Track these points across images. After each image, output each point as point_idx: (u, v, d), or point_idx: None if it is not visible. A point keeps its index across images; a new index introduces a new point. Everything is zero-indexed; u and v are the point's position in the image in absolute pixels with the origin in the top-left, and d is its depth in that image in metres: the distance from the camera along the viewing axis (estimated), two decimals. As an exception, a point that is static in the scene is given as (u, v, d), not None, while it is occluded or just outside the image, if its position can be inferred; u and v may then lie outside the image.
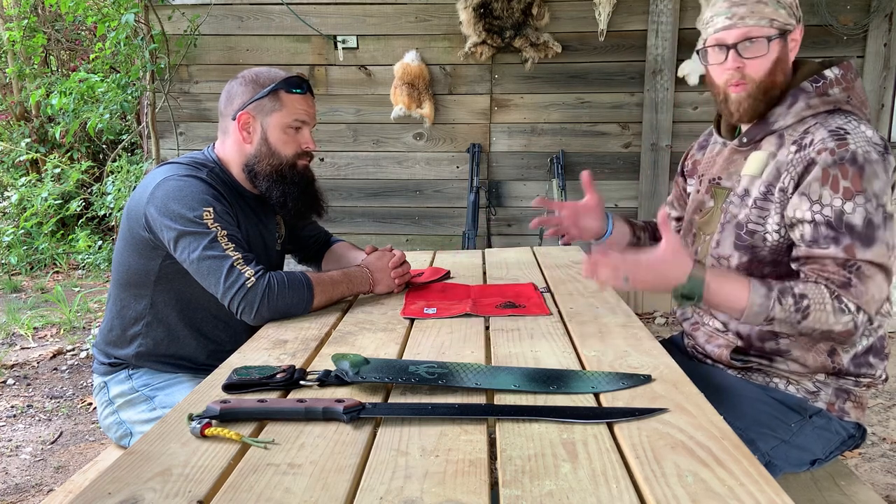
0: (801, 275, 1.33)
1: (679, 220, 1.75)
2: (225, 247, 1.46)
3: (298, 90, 1.59)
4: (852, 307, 1.26)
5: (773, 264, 1.39)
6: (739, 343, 1.46)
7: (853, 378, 1.41)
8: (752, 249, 1.39)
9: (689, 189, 1.68)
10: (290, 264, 1.99)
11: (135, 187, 4.87)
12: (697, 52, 1.46)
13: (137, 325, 1.61)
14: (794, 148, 1.34)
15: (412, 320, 1.48)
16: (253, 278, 1.45)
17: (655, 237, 1.78)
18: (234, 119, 1.59)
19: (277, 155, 1.60)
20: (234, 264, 1.45)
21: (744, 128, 1.47)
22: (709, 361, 1.53)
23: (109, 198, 4.70)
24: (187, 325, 1.62)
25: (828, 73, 1.38)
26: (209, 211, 1.48)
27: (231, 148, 1.63)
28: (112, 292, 1.66)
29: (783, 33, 1.36)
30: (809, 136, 1.34)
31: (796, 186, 1.33)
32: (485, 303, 1.58)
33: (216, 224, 1.47)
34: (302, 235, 1.91)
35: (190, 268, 1.49)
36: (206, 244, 1.46)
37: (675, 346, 1.65)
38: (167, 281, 1.58)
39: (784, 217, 1.35)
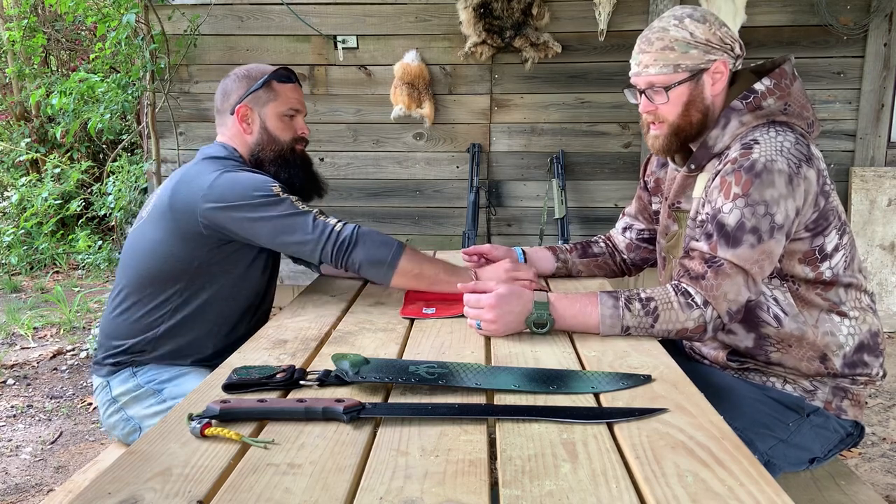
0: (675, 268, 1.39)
1: (642, 231, 1.78)
2: (302, 207, 1.53)
3: (288, 80, 1.71)
4: (699, 300, 1.30)
5: None
6: (731, 348, 1.47)
7: (849, 378, 1.42)
8: None
9: (654, 206, 1.70)
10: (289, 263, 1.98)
11: (139, 188, 4.87)
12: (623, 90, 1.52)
13: (156, 327, 1.61)
14: (727, 160, 1.36)
15: (412, 320, 1.48)
16: (339, 224, 1.52)
17: (586, 254, 1.81)
18: (232, 113, 1.66)
19: (278, 141, 1.68)
20: (316, 216, 1.52)
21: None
22: (706, 362, 1.54)
23: (110, 198, 4.70)
24: (216, 316, 1.64)
25: (758, 86, 1.39)
26: (276, 185, 1.54)
27: (234, 141, 1.69)
28: (125, 293, 1.63)
29: (695, 74, 1.38)
30: (729, 150, 1.38)
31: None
32: None
33: (286, 194, 1.54)
34: None
35: (273, 238, 1.52)
36: (284, 208, 1.51)
37: (674, 346, 1.65)
38: (208, 274, 1.60)
39: None
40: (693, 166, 1.46)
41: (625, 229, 1.81)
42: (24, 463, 2.57)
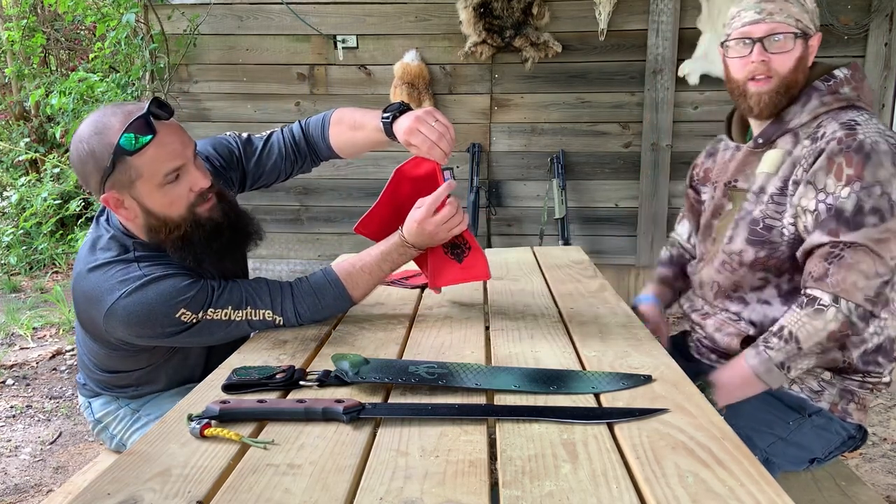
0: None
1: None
2: (226, 318, 1.32)
3: (145, 139, 1.23)
4: (827, 300, 1.29)
5: (791, 259, 1.41)
6: (752, 331, 1.47)
7: (860, 377, 1.42)
8: (769, 245, 1.42)
9: (703, 197, 1.69)
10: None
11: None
12: (722, 45, 1.47)
13: (131, 377, 1.51)
14: (808, 142, 1.37)
15: (412, 320, 1.48)
16: (277, 316, 1.38)
17: (685, 273, 1.77)
18: (101, 201, 1.31)
19: (170, 220, 1.31)
20: (249, 320, 1.35)
21: (754, 127, 1.50)
22: (713, 356, 1.54)
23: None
24: (195, 358, 1.53)
25: (837, 72, 1.42)
26: (183, 312, 1.29)
27: (126, 224, 1.36)
28: (87, 361, 1.52)
29: (806, 36, 1.40)
30: (822, 129, 1.37)
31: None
32: (438, 263, 1.47)
33: (199, 312, 1.30)
34: (264, 171, 1.64)
35: (215, 344, 1.40)
36: (210, 331, 1.33)
37: (675, 347, 1.65)
38: (170, 351, 1.47)
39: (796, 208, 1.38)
40: (761, 140, 1.45)
41: (688, 237, 1.79)
42: (23, 463, 2.56)
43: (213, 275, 1.39)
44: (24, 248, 5.39)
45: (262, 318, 1.37)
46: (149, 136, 1.23)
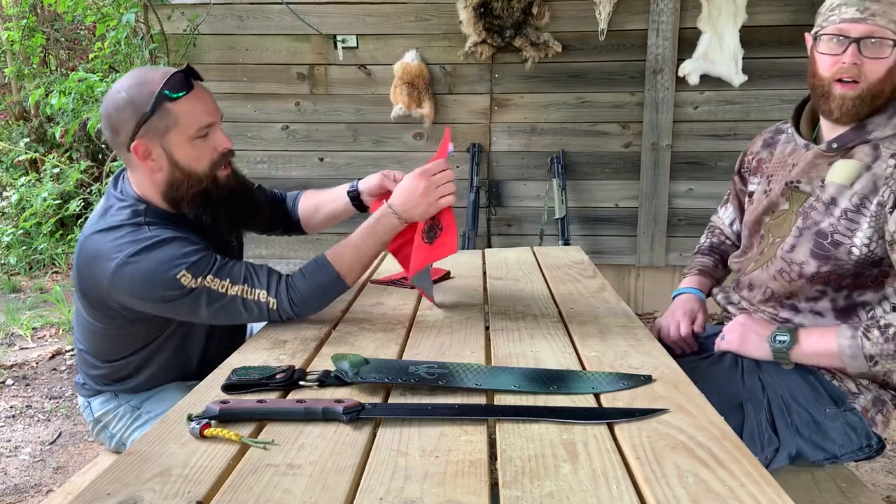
0: None
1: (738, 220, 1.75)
2: (223, 290, 1.35)
3: (186, 89, 1.34)
4: None
5: (854, 276, 1.39)
6: None
7: (893, 391, 1.44)
8: (833, 261, 1.38)
9: (751, 188, 1.63)
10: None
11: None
12: (814, 37, 1.40)
13: (126, 375, 1.53)
14: (892, 161, 1.33)
15: (412, 320, 1.48)
16: (271, 298, 1.38)
17: (725, 263, 1.76)
18: (130, 150, 1.35)
19: (195, 175, 1.38)
20: (244, 298, 1.37)
21: (825, 129, 1.44)
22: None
23: (109, 198, 4.68)
24: (193, 343, 1.54)
25: None
26: (184, 274, 1.31)
27: (144, 180, 1.40)
28: (86, 350, 1.54)
29: None
30: (887, 142, 1.33)
31: None
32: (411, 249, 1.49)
33: (199, 277, 1.33)
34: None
35: (208, 322, 1.42)
36: (206, 301, 1.35)
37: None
38: (167, 328, 1.48)
39: (878, 231, 1.34)
40: (836, 146, 1.40)
41: (731, 223, 1.77)
42: (22, 463, 2.56)
43: (218, 247, 1.44)
44: (24, 248, 5.39)
45: (256, 297, 1.38)
46: (189, 89, 1.35)
